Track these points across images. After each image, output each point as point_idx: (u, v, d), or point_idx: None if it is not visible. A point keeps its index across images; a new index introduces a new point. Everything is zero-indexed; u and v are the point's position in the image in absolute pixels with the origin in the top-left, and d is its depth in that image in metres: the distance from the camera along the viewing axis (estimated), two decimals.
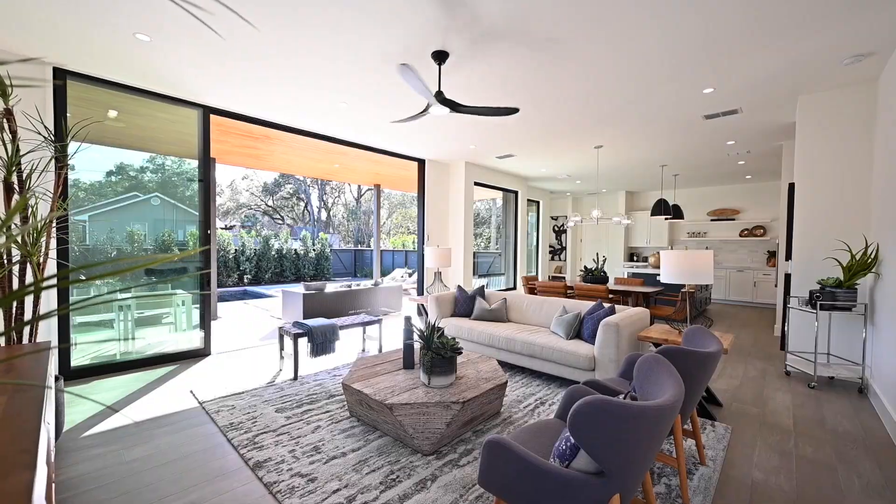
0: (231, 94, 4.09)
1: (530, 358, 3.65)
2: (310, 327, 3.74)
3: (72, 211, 5.38)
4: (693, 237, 10.02)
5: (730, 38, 2.93)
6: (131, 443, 2.47)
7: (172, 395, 3.25)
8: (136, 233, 6.18)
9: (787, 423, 2.85)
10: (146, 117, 4.71)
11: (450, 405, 2.35)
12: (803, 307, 3.81)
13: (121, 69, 3.52)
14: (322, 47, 3.06)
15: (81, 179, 5.22)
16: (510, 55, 3.14)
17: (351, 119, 4.81)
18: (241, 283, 13.33)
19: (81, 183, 5.27)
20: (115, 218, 6.33)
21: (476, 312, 4.48)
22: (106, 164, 5.58)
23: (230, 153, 6.50)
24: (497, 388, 2.68)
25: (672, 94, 3.95)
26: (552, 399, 3.22)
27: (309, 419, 2.80)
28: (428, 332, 2.64)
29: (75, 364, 3.78)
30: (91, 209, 6.18)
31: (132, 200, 6.78)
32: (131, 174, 5.91)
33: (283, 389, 3.38)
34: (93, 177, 5.35)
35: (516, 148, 6.27)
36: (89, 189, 5.41)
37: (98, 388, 3.41)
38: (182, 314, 4.96)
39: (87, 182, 5.39)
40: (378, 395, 2.47)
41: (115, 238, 5.99)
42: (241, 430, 2.65)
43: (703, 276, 3.00)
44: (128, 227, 6.08)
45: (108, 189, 5.79)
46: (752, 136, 5.43)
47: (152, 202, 6.38)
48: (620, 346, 3.11)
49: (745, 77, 3.60)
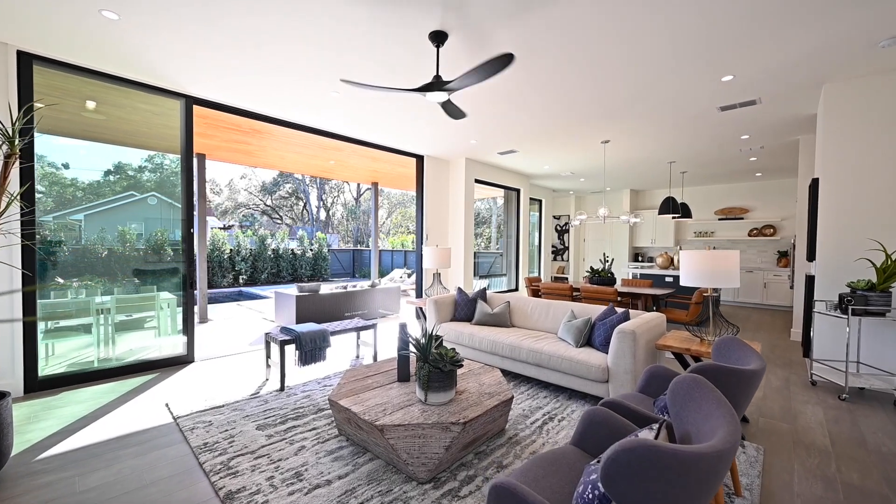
0: (215, 84, 3.81)
1: (537, 367, 3.37)
2: (298, 333, 3.46)
3: (67, 210, 5.19)
4: (700, 237, 9.74)
5: (754, 18, 2.65)
6: (90, 467, 2.19)
7: (146, 409, 2.97)
8: (127, 232, 5.96)
9: (823, 443, 2.57)
10: (127, 109, 4.43)
11: (449, 427, 2.06)
12: (831, 312, 3.53)
13: (91, 53, 3.24)
14: (309, 32, 2.78)
15: (80, 179, 5.18)
16: (515, 35, 2.87)
17: (345, 111, 4.52)
18: (237, 283, 13.05)
19: (80, 182, 5.21)
20: (111, 217, 6.17)
21: (478, 317, 4.19)
22: (103, 164, 5.46)
23: (219, 149, 6.22)
24: (502, 405, 2.40)
25: (688, 81, 3.67)
26: (561, 413, 2.93)
27: (293, 438, 2.52)
28: (425, 341, 2.36)
29: (47, 373, 3.50)
30: (86, 209, 6.01)
31: (129, 200, 6.53)
32: (130, 173, 5.77)
33: (268, 402, 3.09)
34: (91, 176, 5.29)
35: (519, 143, 5.98)
36: (87, 189, 5.34)
37: (67, 401, 3.13)
38: (166, 318, 4.68)
39: (86, 181, 5.32)
40: (368, 413, 2.19)
41: (105, 238, 5.79)
42: (216, 451, 2.36)
43: (728, 278, 2.72)
44: (119, 227, 5.87)
45: (107, 188, 5.70)
46: (769, 129, 5.15)
47: (149, 201, 6.16)
48: (637, 356, 2.83)
49: (767, 63, 3.31)
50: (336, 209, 27.33)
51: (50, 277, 4.16)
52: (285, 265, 14.41)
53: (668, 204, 7.06)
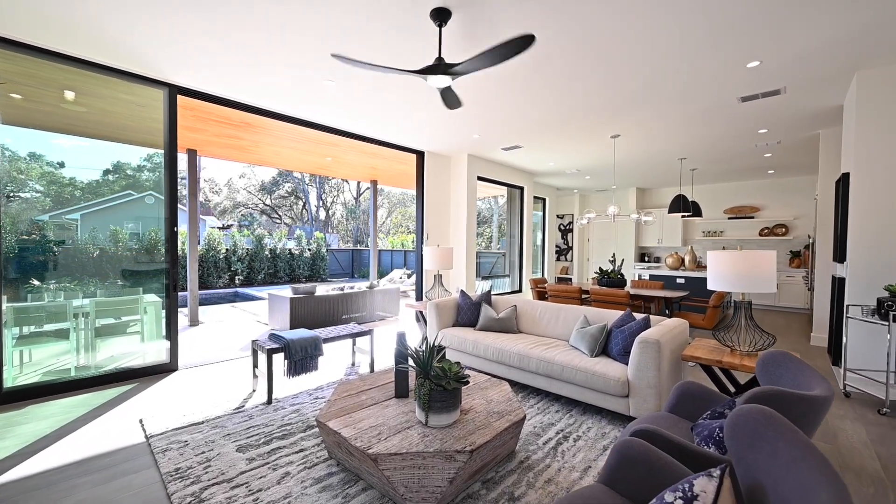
0: (201, 72, 3.53)
1: (547, 379, 3.08)
2: (287, 341, 3.18)
3: (62, 210, 5.01)
4: (708, 236, 9.45)
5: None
6: (40, 500, 1.91)
7: (117, 426, 2.68)
8: (119, 231, 5.72)
9: (873, 467, 2.29)
10: (108, 99, 4.15)
11: (454, 456, 1.78)
12: (868, 318, 3.24)
13: (55, 32, 2.94)
14: (301, 15, 2.50)
15: (78, 178, 5.10)
16: (523, 17, 2.58)
17: (340, 102, 4.24)
18: (233, 284, 12.76)
19: (79, 182, 5.13)
20: (108, 217, 5.92)
21: (482, 322, 3.91)
22: (102, 163, 5.35)
23: (211, 144, 5.93)
24: (513, 427, 2.11)
25: (710, 68, 3.38)
26: (577, 431, 2.65)
27: (276, 462, 2.24)
28: (425, 354, 2.07)
29: (15, 384, 3.22)
30: (82, 208, 5.77)
31: (126, 199, 6.28)
32: (129, 172, 5.62)
33: (252, 418, 2.81)
34: (90, 175, 5.21)
35: (524, 138, 5.69)
36: (86, 188, 5.24)
37: (31, 416, 2.84)
38: (151, 322, 4.39)
39: (85, 181, 5.24)
40: (360, 438, 1.90)
41: (97, 237, 5.57)
42: (189, 478, 2.08)
43: (764, 282, 2.43)
44: (112, 226, 5.65)
45: (105, 188, 5.59)
46: (789, 123, 4.86)
47: (146, 200, 5.96)
48: (662, 369, 2.55)
49: (798, 47, 3.03)
50: (336, 209, 27.05)
51: (27, 279, 3.90)
52: (283, 265, 14.12)
53: (679, 202, 6.78)
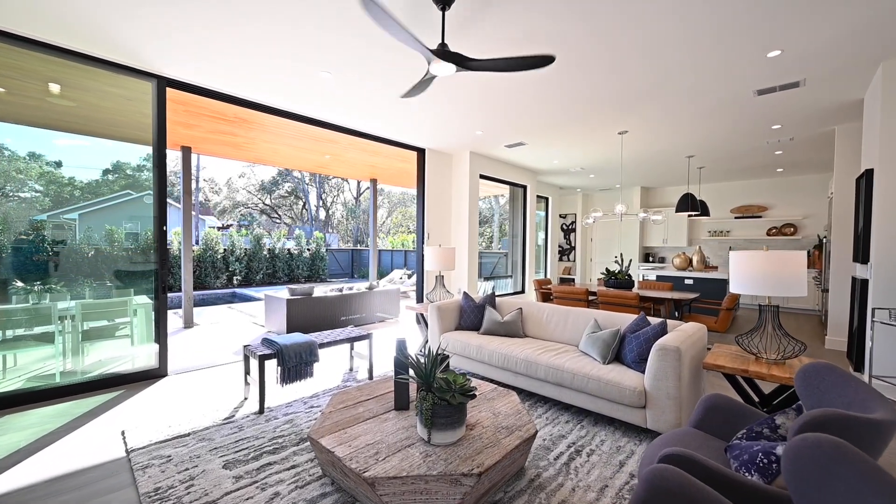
0: (192, 64, 3.35)
1: (557, 387, 2.90)
2: (280, 346, 3.00)
3: (60, 209, 4.92)
4: (715, 236, 9.27)
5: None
6: None
7: (97, 438, 2.51)
8: (115, 231, 5.58)
9: None
10: (96, 93, 3.96)
11: (460, 479, 1.60)
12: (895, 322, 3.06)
13: (34, 18, 2.77)
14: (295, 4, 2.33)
15: (78, 178, 5.08)
16: (530, 6, 2.41)
17: (339, 96, 4.06)
18: (231, 284, 12.59)
19: (78, 181, 5.09)
20: (107, 217, 5.79)
21: (486, 325, 3.73)
22: (102, 162, 5.23)
23: (205, 140, 5.76)
24: (524, 444, 1.93)
25: (728, 58, 3.20)
26: (590, 445, 2.47)
27: (266, 481, 2.06)
28: (427, 363, 1.89)
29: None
30: (80, 208, 5.58)
31: (125, 198, 6.12)
32: (129, 172, 5.55)
33: (242, 429, 2.63)
34: (90, 175, 5.19)
35: (529, 135, 5.51)
36: (85, 188, 5.22)
37: (7, 427, 2.67)
38: (141, 325, 4.21)
39: (85, 181, 5.23)
40: (356, 458, 1.72)
41: (92, 237, 5.43)
42: (169, 499, 1.90)
43: (793, 285, 2.25)
44: (107, 226, 5.51)
45: (105, 188, 5.56)
46: (805, 118, 4.68)
47: (145, 200, 5.80)
48: (682, 378, 2.36)
49: (822, 35, 2.85)
50: (336, 208, 26.88)
51: (11, 279, 3.74)
52: (281, 265, 13.95)
53: (687, 201, 6.60)
